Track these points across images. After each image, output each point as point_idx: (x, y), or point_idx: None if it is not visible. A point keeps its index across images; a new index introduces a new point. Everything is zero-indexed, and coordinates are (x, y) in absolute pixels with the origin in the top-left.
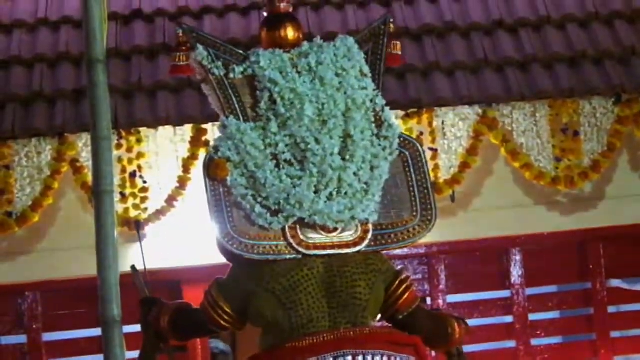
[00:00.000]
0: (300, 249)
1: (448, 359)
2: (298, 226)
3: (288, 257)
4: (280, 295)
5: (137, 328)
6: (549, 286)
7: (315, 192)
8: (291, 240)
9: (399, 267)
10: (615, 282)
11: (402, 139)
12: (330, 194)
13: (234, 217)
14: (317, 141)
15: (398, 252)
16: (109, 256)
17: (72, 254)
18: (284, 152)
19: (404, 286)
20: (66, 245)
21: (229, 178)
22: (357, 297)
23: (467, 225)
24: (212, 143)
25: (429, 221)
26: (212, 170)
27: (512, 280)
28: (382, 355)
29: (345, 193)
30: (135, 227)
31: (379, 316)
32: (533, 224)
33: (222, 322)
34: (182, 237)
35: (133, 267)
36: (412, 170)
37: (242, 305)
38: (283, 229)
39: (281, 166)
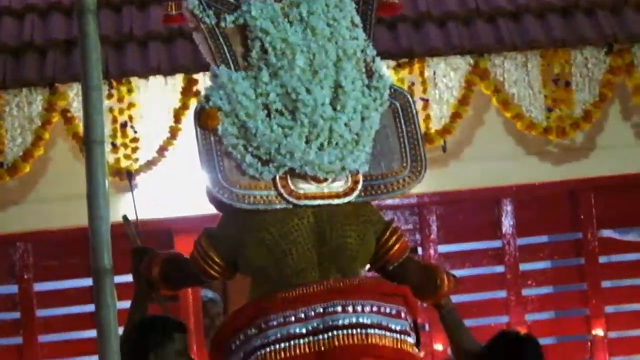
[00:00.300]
0: (291, 199)
1: (437, 311)
2: (288, 176)
3: (278, 206)
4: (270, 244)
5: (128, 278)
6: (540, 236)
7: (306, 142)
8: (282, 190)
9: (389, 218)
10: (607, 232)
11: (392, 90)
12: (321, 144)
13: (224, 167)
14: (308, 91)
15: (389, 202)
16: (100, 206)
17: (63, 204)
18: (275, 102)
19: (394, 237)
20: (57, 195)
21: (219, 127)
22: (347, 247)
23: (459, 176)
24: (203, 92)
25: (419, 172)
26: (203, 120)
27: (503, 230)
28: (372, 306)
29: (336, 143)
30: (126, 177)
31: (368, 267)
32: (524, 174)
33: (212, 272)
34: (174, 187)
35: (125, 217)
36: (402, 121)
37: (231, 255)
38: (274, 179)
39: (272, 116)
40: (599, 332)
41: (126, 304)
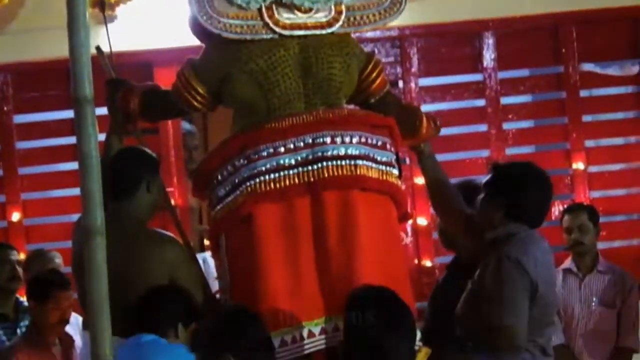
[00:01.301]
0: (277, 29)
1: (416, 155)
2: (274, 6)
3: (265, 36)
4: (258, 76)
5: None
6: (522, 69)
7: None
8: (268, 20)
9: (370, 51)
10: (588, 66)
11: None
12: None
13: None
14: None
15: (370, 34)
16: (80, 35)
17: (44, 34)
18: None
19: (377, 69)
20: (37, 26)
21: None
22: (332, 78)
23: (440, 8)
24: None
25: (400, 3)
26: None
27: (485, 63)
28: (360, 137)
29: None
30: (99, 7)
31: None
32: (506, 6)
33: (194, 102)
34: (154, 18)
35: (98, 47)
36: None
37: (216, 86)
38: (260, 9)
39: None
40: (579, 165)
41: (104, 136)
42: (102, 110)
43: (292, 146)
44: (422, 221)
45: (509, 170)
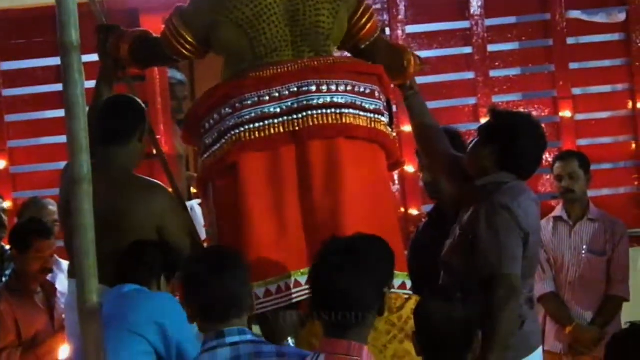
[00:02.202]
0: None
1: (402, 93)
2: None
3: None
4: (244, 24)
5: (95, 57)
6: (508, 17)
7: None
8: None
9: None
10: (575, 13)
11: None
12: None
13: None
14: None
15: None
16: None
17: None
18: None
19: (367, 15)
20: None
21: None
22: (320, 25)
23: None
24: None
25: None
26: None
27: (472, 10)
28: (347, 85)
29: None
30: None
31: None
32: None
33: (183, 51)
34: None
35: None
36: None
37: (204, 34)
38: None
39: None
40: (566, 113)
41: (93, 83)
42: (89, 58)
43: (277, 95)
44: (409, 169)
45: (506, 118)
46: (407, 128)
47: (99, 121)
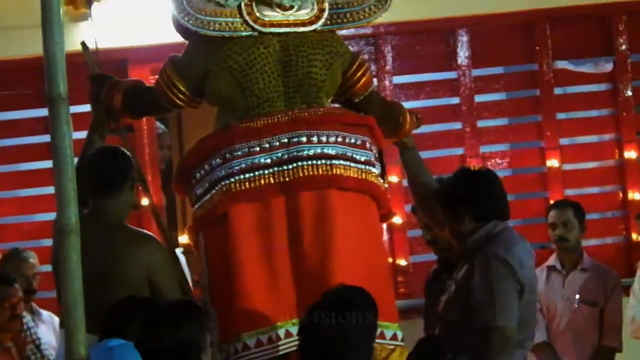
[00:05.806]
0: (256, 26)
1: (399, 149)
2: (254, 3)
3: (244, 34)
4: (237, 73)
5: (83, 108)
6: (496, 67)
7: None
8: (247, 17)
9: (356, 50)
10: (562, 64)
11: None
12: None
13: None
14: None
15: (344, 32)
16: (54, 33)
17: (18, 33)
18: None
19: (362, 69)
20: (11, 24)
21: None
22: (312, 76)
23: (415, 5)
24: None
25: (385, 1)
26: None
27: (459, 61)
28: (337, 136)
29: None
30: (87, 3)
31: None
32: (480, 4)
33: (176, 100)
34: (130, 15)
35: (83, 43)
36: None
37: (197, 84)
38: (239, 6)
39: None
40: (553, 163)
41: (82, 135)
42: (77, 109)
43: (267, 145)
44: (397, 220)
45: (451, 181)
46: (395, 178)
47: (88, 174)
